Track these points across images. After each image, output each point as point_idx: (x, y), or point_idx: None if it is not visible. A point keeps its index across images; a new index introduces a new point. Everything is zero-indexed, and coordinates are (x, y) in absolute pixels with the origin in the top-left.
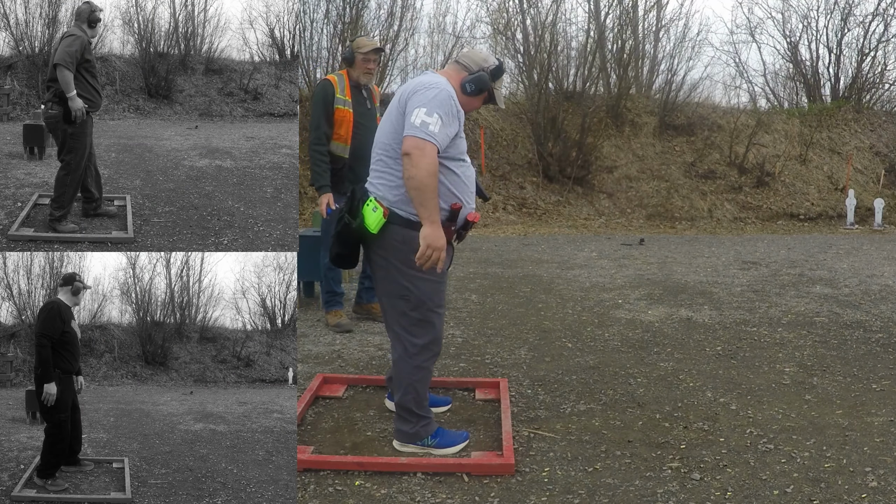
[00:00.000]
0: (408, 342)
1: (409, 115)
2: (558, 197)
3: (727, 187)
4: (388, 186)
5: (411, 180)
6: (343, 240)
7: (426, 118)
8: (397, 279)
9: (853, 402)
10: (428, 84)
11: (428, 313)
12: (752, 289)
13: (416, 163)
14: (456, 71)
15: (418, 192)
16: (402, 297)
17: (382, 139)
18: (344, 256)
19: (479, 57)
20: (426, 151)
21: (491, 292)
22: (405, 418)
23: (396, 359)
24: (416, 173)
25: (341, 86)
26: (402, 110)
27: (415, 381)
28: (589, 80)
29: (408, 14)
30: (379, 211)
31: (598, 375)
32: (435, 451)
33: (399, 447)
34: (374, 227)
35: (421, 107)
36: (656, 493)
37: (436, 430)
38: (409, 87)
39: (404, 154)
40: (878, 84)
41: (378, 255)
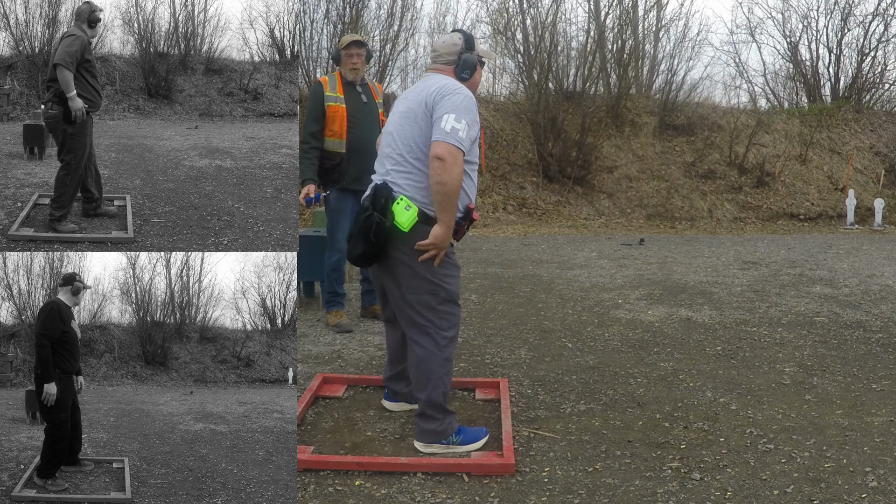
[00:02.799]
0: (438, 336)
1: (440, 121)
2: (558, 197)
3: (727, 187)
4: (417, 188)
5: (442, 185)
6: (373, 238)
7: (456, 124)
8: (424, 275)
9: (853, 402)
10: (453, 89)
11: (454, 306)
12: (752, 289)
13: (449, 169)
14: (448, 71)
15: (446, 196)
16: (430, 292)
17: (407, 141)
18: (371, 255)
19: (449, 45)
20: (457, 159)
21: (491, 292)
22: (432, 416)
23: (423, 355)
24: (448, 179)
25: (332, 84)
26: (429, 114)
27: (444, 375)
28: (589, 80)
29: (408, 14)
30: (412, 210)
31: (598, 375)
32: (459, 449)
33: (423, 448)
34: (407, 225)
35: (450, 112)
36: (656, 493)
37: (458, 427)
38: (431, 91)
39: (437, 158)
40: (878, 84)
41: (403, 252)
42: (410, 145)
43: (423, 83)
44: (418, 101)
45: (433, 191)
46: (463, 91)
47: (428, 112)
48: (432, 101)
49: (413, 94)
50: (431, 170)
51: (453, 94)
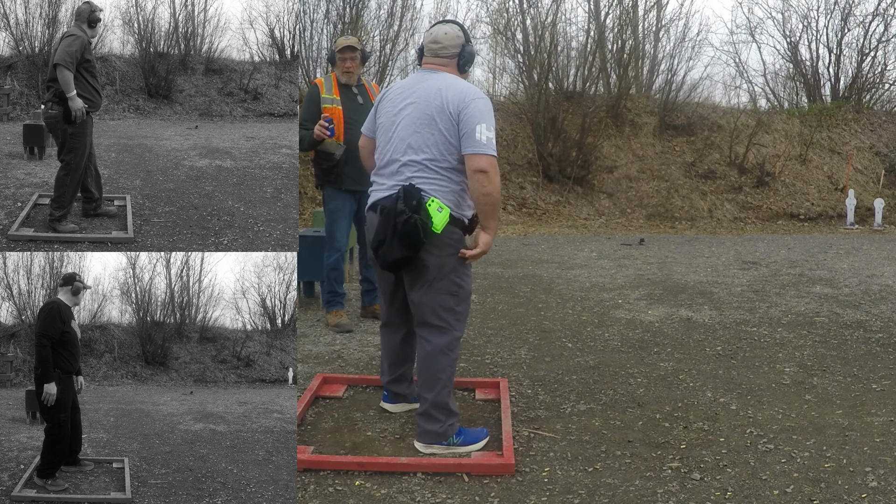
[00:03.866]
0: (452, 336)
1: (474, 132)
2: (558, 197)
3: (727, 187)
4: (443, 192)
5: (489, 196)
6: (413, 241)
7: (489, 133)
8: (450, 277)
9: (853, 402)
10: (474, 94)
11: (468, 307)
12: (752, 289)
13: (493, 180)
14: (451, 65)
15: (493, 207)
16: (451, 293)
17: (430, 149)
18: (408, 260)
19: (454, 38)
20: (497, 169)
21: (491, 292)
22: (436, 417)
23: (434, 353)
24: (493, 190)
25: (328, 86)
26: (453, 122)
27: (451, 375)
28: (589, 80)
29: (408, 14)
30: (445, 211)
31: (598, 375)
32: (460, 450)
33: (423, 449)
34: (441, 226)
35: (482, 122)
36: (656, 493)
37: (459, 428)
38: (449, 96)
39: (481, 171)
40: (878, 84)
41: (433, 255)
42: (434, 155)
43: (427, 83)
44: (435, 106)
45: (480, 202)
46: (482, 94)
47: (452, 121)
48: (456, 109)
49: (420, 96)
50: (475, 182)
51: (477, 100)
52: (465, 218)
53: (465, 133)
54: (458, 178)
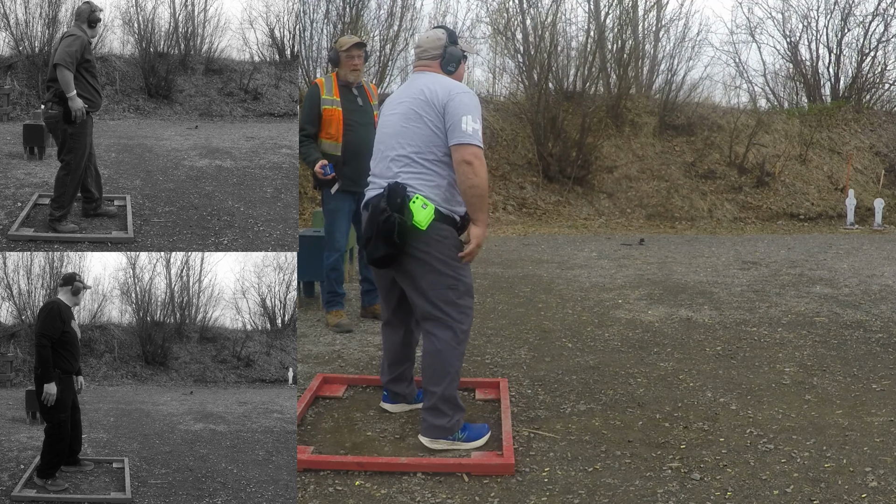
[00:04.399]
0: (458, 329)
1: (460, 123)
2: (558, 197)
3: (727, 187)
4: (429, 186)
5: (475, 188)
6: (396, 240)
7: (474, 125)
8: (443, 271)
9: (853, 402)
10: (459, 88)
11: (471, 299)
12: (752, 289)
13: (478, 171)
14: (435, 66)
15: (480, 198)
16: (450, 287)
17: (415, 143)
18: (393, 256)
19: (434, 40)
20: (483, 160)
21: (491, 292)
22: (443, 411)
23: (442, 348)
24: (479, 182)
25: (328, 87)
26: (439, 115)
27: (458, 368)
28: (589, 80)
29: (408, 14)
30: (430, 208)
31: (598, 375)
32: (464, 446)
33: (429, 444)
34: (425, 223)
35: (467, 114)
36: (656, 493)
37: (464, 424)
38: (434, 91)
39: (467, 163)
40: (878, 84)
41: (420, 250)
42: (420, 147)
43: (415, 83)
44: (420, 101)
45: (467, 194)
46: (468, 90)
47: (437, 113)
48: (441, 102)
49: (408, 95)
50: (461, 174)
51: (462, 94)
52: (455, 215)
53: (451, 125)
54: (446, 171)
